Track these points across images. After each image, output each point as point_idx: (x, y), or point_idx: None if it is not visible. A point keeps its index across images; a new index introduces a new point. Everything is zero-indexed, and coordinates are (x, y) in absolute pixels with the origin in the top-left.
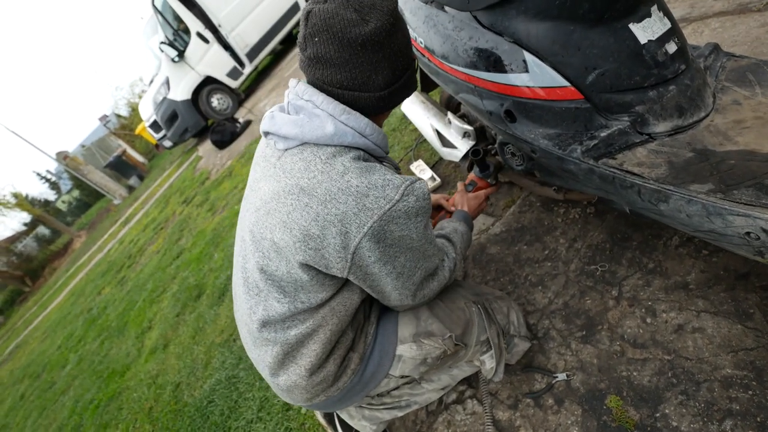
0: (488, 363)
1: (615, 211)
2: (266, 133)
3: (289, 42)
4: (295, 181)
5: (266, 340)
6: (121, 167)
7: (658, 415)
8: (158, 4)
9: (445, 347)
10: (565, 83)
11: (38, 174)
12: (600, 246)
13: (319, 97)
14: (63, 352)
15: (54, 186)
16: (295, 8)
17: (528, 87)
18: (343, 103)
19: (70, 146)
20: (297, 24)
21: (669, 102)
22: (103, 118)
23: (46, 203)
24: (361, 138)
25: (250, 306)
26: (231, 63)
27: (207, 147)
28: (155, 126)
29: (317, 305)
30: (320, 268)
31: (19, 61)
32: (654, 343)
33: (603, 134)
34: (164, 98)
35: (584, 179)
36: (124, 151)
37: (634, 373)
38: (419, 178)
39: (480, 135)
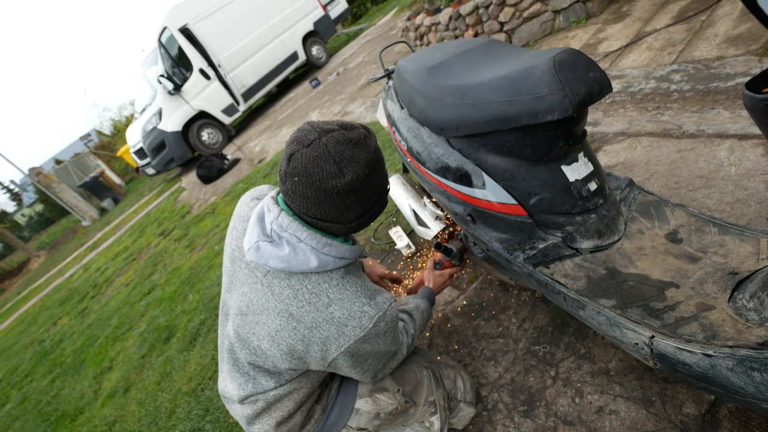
0: (436, 424)
1: None
2: (250, 261)
3: (284, 85)
4: (285, 306)
5: (251, 401)
6: (96, 188)
7: None
8: (164, 39)
9: (397, 403)
10: (514, 202)
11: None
12: (544, 328)
13: (303, 233)
14: (4, 388)
15: (15, 197)
16: (294, 57)
17: (486, 200)
18: (319, 228)
19: (41, 158)
20: (295, 70)
21: (591, 226)
22: (85, 137)
23: (3, 215)
24: (342, 261)
25: (239, 383)
26: (228, 100)
27: (191, 179)
28: (140, 153)
29: (297, 376)
30: (301, 369)
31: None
32: (580, 421)
33: (541, 246)
34: (154, 128)
35: (526, 279)
36: (103, 172)
37: None
38: (391, 304)
39: (450, 219)
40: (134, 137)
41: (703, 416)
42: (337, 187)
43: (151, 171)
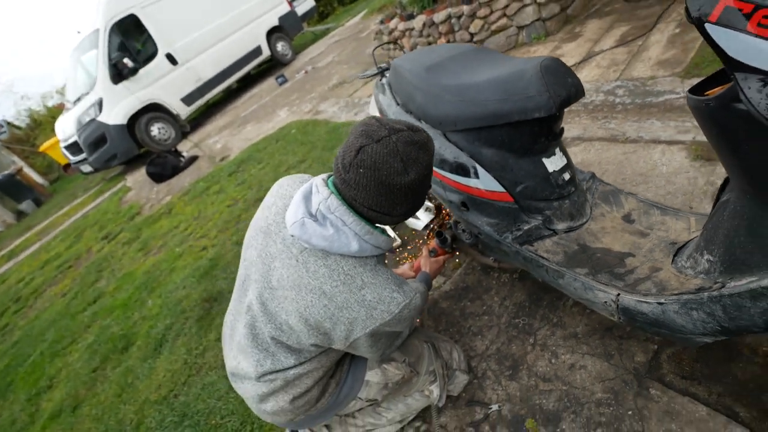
0: (435, 392)
1: (532, 279)
2: (292, 235)
3: (246, 81)
4: (318, 284)
5: (269, 379)
6: (11, 187)
7: (558, 430)
8: (121, 21)
9: (403, 372)
10: (503, 190)
11: None
12: (522, 304)
13: (350, 218)
14: None
15: None
16: (257, 51)
17: (479, 189)
18: (367, 217)
19: None
20: (258, 65)
21: (565, 211)
22: None
23: None
24: (377, 250)
25: (257, 359)
26: (192, 86)
27: (138, 177)
28: (74, 147)
29: (317, 354)
30: (324, 345)
31: None
32: (556, 377)
33: (525, 227)
34: (93, 119)
35: (513, 257)
36: (20, 170)
37: (543, 401)
38: (416, 294)
39: (438, 210)
40: (66, 130)
41: (649, 362)
42: (400, 184)
43: (87, 168)
